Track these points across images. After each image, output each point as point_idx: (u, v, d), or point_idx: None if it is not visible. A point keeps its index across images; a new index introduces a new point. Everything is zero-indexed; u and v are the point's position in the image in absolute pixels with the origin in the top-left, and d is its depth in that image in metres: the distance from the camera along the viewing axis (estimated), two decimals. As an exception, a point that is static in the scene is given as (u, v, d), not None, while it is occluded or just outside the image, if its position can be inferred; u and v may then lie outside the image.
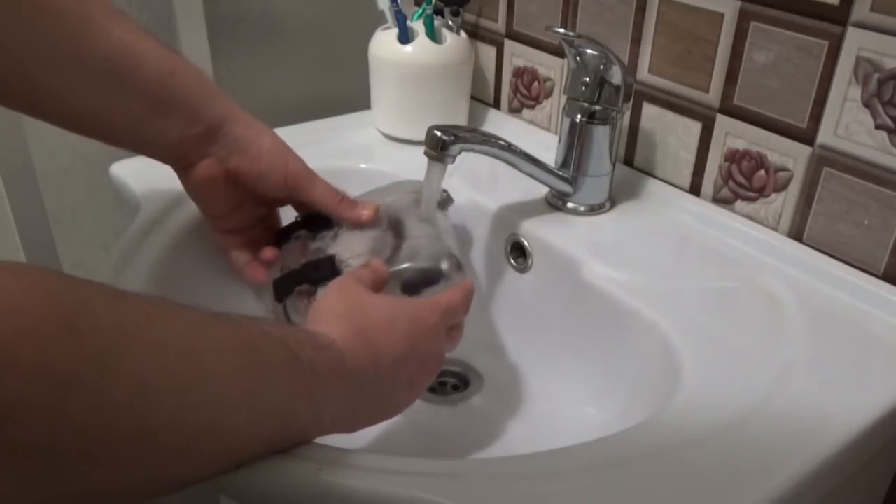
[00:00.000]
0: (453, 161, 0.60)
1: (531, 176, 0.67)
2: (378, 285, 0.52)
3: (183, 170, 0.56)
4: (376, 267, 0.54)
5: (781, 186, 0.63)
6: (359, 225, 0.58)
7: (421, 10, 0.79)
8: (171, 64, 0.52)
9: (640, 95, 0.72)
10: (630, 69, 0.71)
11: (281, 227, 0.62)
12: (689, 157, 0.69)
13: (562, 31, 0.64)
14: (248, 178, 0.56)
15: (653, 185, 0.72)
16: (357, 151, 0.80)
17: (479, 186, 0.72)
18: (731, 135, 0.66)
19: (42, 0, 0.47)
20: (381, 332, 0.46)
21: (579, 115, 0.66)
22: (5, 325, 0.27)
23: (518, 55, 0.83)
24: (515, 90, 0.85)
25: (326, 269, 0.56)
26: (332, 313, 0.46)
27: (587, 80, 0.65)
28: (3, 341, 0.26)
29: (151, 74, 0.51)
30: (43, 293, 0.29)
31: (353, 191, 0.61)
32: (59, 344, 0.28)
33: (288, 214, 0.62)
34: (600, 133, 0.66)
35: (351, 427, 0.45)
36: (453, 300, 0.53)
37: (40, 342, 0.27)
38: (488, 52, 0.87)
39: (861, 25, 0.55)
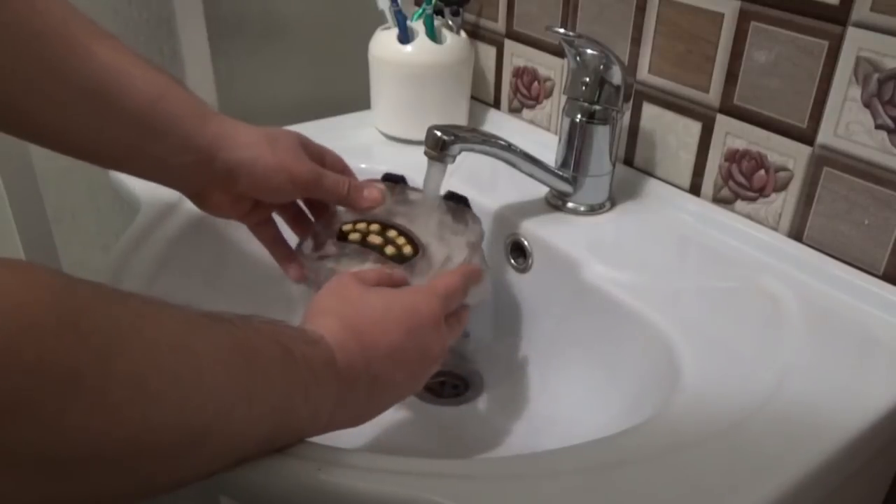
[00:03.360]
0: (453, 161, 0.60)
1: (531, 176, 0.67)
2: (372, 278, 0.52)
3: (192, 197, 0.56)
4: (390, 271, 0.54)
5: (781, 186, 0.63)
6: (371, 209, 0.59)
7: (421, 10, 0.79)
8: (160, 88, 0.51)
9: (640, 95, 0.72)
10: (630, 69, 0.71)
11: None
12: (689, 157, 0.69)
13: (562, 31, 0.64)
14: (257, 194, 0.56)
15: (653, 185, 0.72)
16: (357, 151, 0.79)
17: (479, 186, 0.72)
18: (731, 135, 0.66)
19: (21, 19, 0.46)
20: (371, 325, 0.46)
21: (579, 115, 0.66)
22: (7, 322, 0.27)
23: (518, 55, 0.83)
24: (515, 90, 0.85)
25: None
26: (321, 310, 0.46)
27: (587, 80, 0.65)
28: (4, 338, 0.27)
29: (137, 99, 0.50)
30: (43, 291, 0.29)
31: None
32: (61, 341, 0.28)
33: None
34: (600, 133, 0.66)
35: (353, 423, 0.45)
36: (451, 284, 0.52)
37: (42, 339, 0.28)
38: (488, 52, 0.87)
39: (861, 25, 0.55)
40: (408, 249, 0.57)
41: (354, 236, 0.59)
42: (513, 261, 0.69)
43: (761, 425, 0.45)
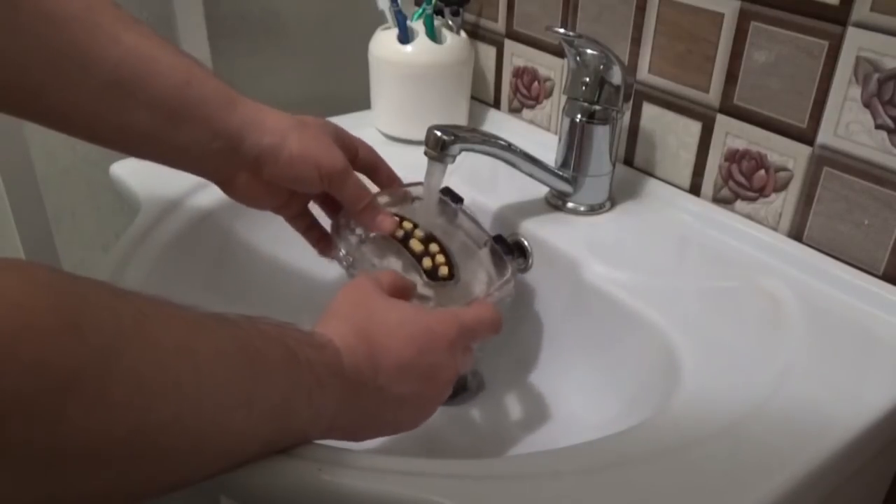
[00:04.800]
0: (453, 161, 0.60)
1: (531, 176, 0.67)
2: (398, 291, 0.51)
3: (220, 184, 0.56)
4: (403, 277, 0.53)
5: (781, 186, 0.63)
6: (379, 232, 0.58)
7: (421, 10, 0.79)
8: (186, 73, 0.50)
9: (640, 95, 0.72)
10: (630, 69, 0.71)
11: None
12: (689, 156, 0.69)
13: (562, 31, 0.64)
14: (285, 183, 0.55)
15: (653, 185, 0.72)
16: (357, 151, 0.79)
17: (479, 186, 0.72)
18: (731, 135, 0.66)
19: (45, 6, 0.46)
20: (384, 334, 0.45)
21: (579, 115, 0.66)
22: (6, 322, 0.27)
23: (518, 55, 0.83)
24: (515, 90, 0.85)
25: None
26: (335, 313, 0.46)
27: (587, 80, 0.65)
28: (3, 338, 0.26)
29: (163, 84, 0.49)
30: (44, 290, 0.29)
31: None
32: (60, 341, 0.28)
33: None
34: (600, 133, 0.66)
35: (355, 434, 0.45)
36: (480, 316, 0.51)
37: (41, 339, 0.27)
38: (488, 52, 0.87)
39: (861, 25, 0.55)
40: (444, 271, 0.57)
41: (398, 232, 0.58)
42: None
43: (761, 425, 0.45)
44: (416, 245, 0.58)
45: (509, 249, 0.61)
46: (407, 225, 0.59)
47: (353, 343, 0.43)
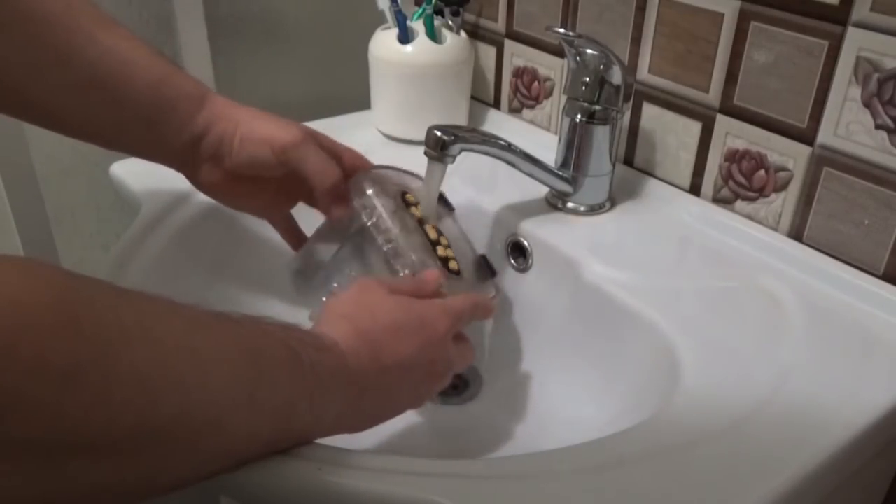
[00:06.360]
0: (453, 161, 0.60)
1: (531, 176, 0.67)
2: (405, 291, 0.50)
3: (189, 177, 0.57)
4: (420, 284, 0.53)
5: (781, 186, 0.63)
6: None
7: (421, 10, 0.79)
8: (161, 73, 0.52)
9: (640, 95, 0.72)
10: (630, 69, 0.71)
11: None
12: (689, 156, 0.69)
13: (562, 31, 0.64)
14: (245, 170, 0.55)
15: (653, 185, 0.72)
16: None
17: (479, 186, 0.72)
18: (731, 135, 0.66)
19: (25, 6, 0.47)
20: (386, 335, 0.45)
21: (579, 115, 0.66)
22: (5, 319, 0.27)
23: (518, 55, 0.83)
24: (515, 90, 0.85)
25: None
26: (338, 314, 0.46)
27: (587, 80, 0.65)
28: (2, 335, 0.27)
29: (138, 84, 0.51)
30: (44, 288, 0.29)
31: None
32: (59, 338, 0.28)
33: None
34: (600, 133, 0.66)
35: (355, 428, 0.45)
36: (463, 305, 0.52)
37: (39, 336, 0.28)
38: (488, 52, 0.87)
39: (861, 25, 0.55)
40: (453, 265, 0.59)
41: (417, 212, 0.59)
42: (513, 261, 0.69)
43: (761, 425, 0.45)
44: (431, 231, 0.59)
45: (491, 273, 0.63)
46: (416, 212, 0.60)
47: (357, 346, 0.43)
